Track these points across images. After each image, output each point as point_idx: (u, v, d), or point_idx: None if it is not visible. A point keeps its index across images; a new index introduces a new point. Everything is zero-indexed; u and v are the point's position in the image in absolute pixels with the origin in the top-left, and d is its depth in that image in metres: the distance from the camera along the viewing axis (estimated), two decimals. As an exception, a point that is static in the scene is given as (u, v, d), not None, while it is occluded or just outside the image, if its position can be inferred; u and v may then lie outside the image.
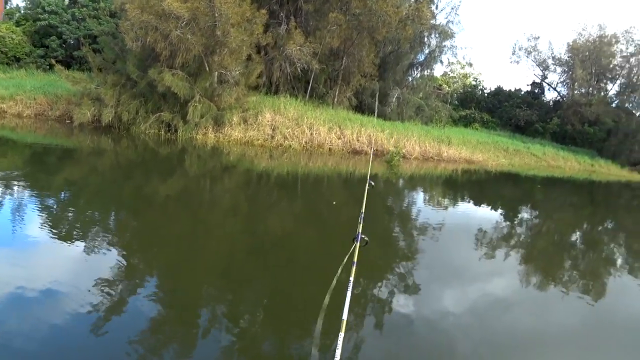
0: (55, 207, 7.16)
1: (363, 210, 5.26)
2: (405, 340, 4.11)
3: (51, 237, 5.56)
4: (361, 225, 4.70)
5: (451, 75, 48.25)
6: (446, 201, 12.77)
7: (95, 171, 10.86)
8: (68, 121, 17.27)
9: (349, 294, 3.04)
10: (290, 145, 17.58)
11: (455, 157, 21.86)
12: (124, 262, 5.05)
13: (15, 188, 8.01)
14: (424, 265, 6.38)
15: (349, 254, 3.83)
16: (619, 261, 8.62)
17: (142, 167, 12.13)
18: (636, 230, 13.21)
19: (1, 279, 4.28)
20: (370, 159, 12.94)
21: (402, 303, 4.86)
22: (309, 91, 23.25)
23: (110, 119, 16.46)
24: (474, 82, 46.78)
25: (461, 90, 45.86)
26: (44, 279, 4.34)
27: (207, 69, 16.49)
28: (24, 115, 17.90)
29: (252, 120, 17.74)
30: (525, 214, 12.90)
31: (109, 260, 5.04)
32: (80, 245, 5.46)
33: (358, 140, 18.93)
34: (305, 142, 17.96)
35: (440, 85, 45.05)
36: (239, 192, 10.49)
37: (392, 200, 12.19)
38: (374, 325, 4.32)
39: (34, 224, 5.92)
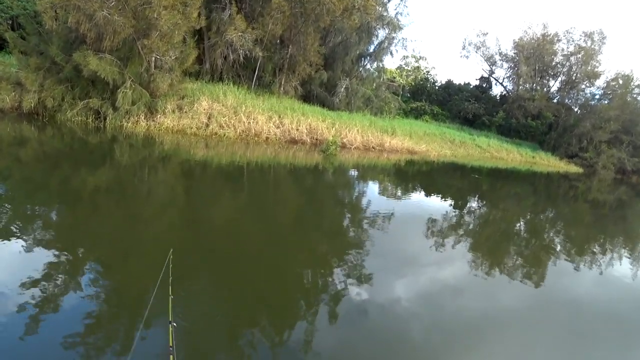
0: None
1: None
2: (358, 327, 4.17)
3: None
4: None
5: (406, 68, 48.94)
6: (388, 191, 12.82)
7: (18, 162, 9.85)
8: None
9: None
10: (225, 134, 17.08)
11: (398, 147, 22.08)
12: (54, 260, 4.68)
13: None
14: (373, 254, 6.41)
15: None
16: (558, 247, 9.08)
17: (70, 158, 11.23)
18: (573, 218, 13.92)
19: None
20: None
21: (354, 292, 4.90)
22: (255, 80, 22.72)
23: (32, 105, 15.28)
24: (426, 76, 47.58)
25: (413, 83, 46.58)
26: None
27: (139, 53, 15.60)
28: None
29: (188, 108, 17.03)
30: (472, 204, 13.19)
31: (37, 258, 4.68)
32: (4, 243, 4.96)
33: (297, 130, 18.67)
34: (242, 131, 17.50)
35: (394, 78, 45.59)
36: (176, 184, 9.98)
37: (331, 191, 12.10)
38: (328, 314, 4.35)
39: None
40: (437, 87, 45.66)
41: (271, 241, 6.58)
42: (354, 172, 15.77)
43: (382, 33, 28.33)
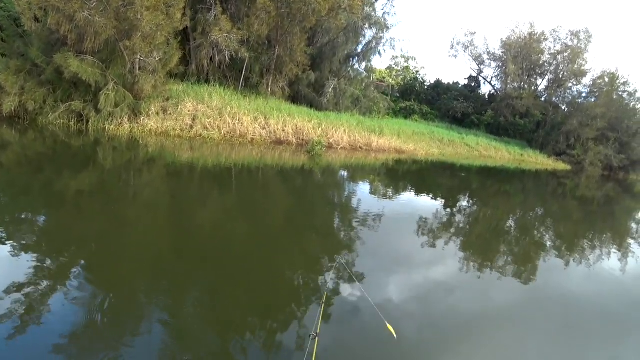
0: None
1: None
2: (350, 327, 4.16)
3: None
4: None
5: (395, 68, 49.05)
6: (377, 190, 12.78)
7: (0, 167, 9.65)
8: None
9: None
10: (210, 136, 16.90)
11: (385, 147, 22.03)
12: (38, 265, 4.60)
13: None
14: (364, 254, 6.40)
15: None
16: (548, 244, 9.15)
17: (53, 161, 11.04)
18: (562, 215, 13.99)
19: None
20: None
21: (346, 292, 4.87)
22: (242, 81, 22.53)
23: (12, 108, 15.00)
24: (415, 75, 47.70)
25: (402, 83, 46.65)
26: None
27: (122, 54, 15.37)
28: None
29: (172, 110, 16.85)
30: (462, 203, 13.22)
31: (21, 263, 4.59)
32: None
33: (283, 131, 18.57)
34: (226, 132, 17.34)
35: (383, 78, 45.63)
36: (162, 187, 9.87)
37: (320, 191, 12.03)
38: (319, 314, 4.17)
39: None
40: (426, 87, 45.76)
41: (260, 243, 6.51)
42: (341, 172, 15.69)
43: (369, 33, 28.32)
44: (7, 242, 5.12)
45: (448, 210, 11.31)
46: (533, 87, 43.93)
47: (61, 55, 14.45)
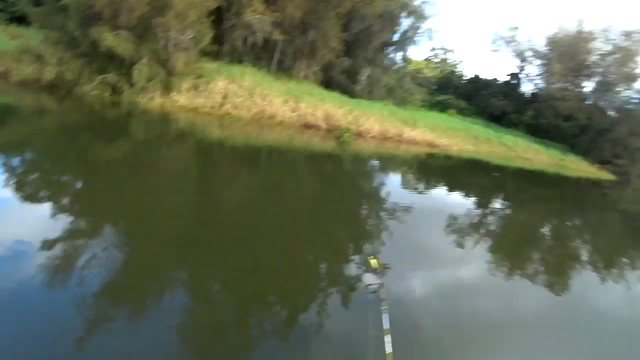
0: (3, 169, 6.69)
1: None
2: (369, 318, 4.00)
3: None
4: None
5: (434, 60, 47.76)
6: (408, 183, 12.49)
7: (38, 132, 10.20)
8: (12, 78, 16.10)
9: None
10: (239, 115, 16.96)
11: (417, 139, 21.36)
12: (69, 225, 4.88)
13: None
14: (390, 246, 6.32)
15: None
16: (583, 256, 8.78)
17: (88, 130, 11.54)
18: (601, 227, 13.23)
19: None
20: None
21: (366, 282, 4.78)
22: (274, 63, 22.34)
23: (51, 78, 15.39)
24: (453, 69, 46.30)
25: (440, 76, 45.36)
26: None
27: (154, 31, 15.53)
28: None
29: (204, 88, 16.99)
30: (496, 204, 12.84)
31: (54, 223, 4.87)
32: (22, 207, 5.25)
33: (313, 115, 18.37)
34: (256, 113, 17.35)
35: (421, 70, 44.51)
36: (191, 163, 10.18)
37: (348, 178, 11.94)
38: (339, 302, 4.35)
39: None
40: (464, 81, 44.32)
41: (283, 225, 6.55)
42: (371, 161, 15.44)
43: (406, 22, 27.51)
44: (42, 202, 5.50)
45: (480, 210, 10.90)
46: (578, 89, 41.69)
47: (97, 29, 14.73)
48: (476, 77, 44.59)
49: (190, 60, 16.42)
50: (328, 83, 24.68)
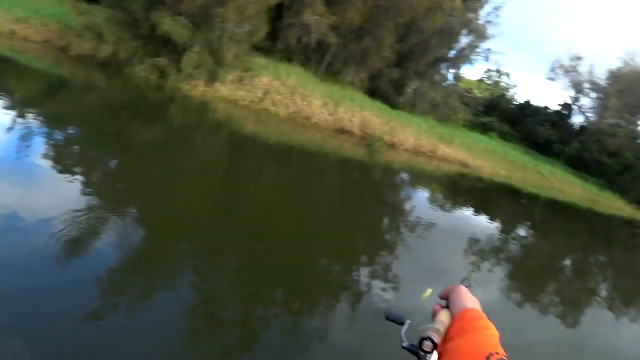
0: (45, 138, 7.17)
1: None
2: (375, 329, 4.02)
3: (28, 167, 5.58)
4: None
5: (487, 82, 46.78)
6: (433, 199, 12.46)
7: (84, 106, 10.82)
8: (70, 52, 17.04)
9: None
10: (276, 112, 17.20)
11: (450, 157, 21.07)
12: (99, 199, 5.16)
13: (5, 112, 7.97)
14: (405, 259, 6.38)
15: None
16: (602, 294, 8.70)
17: (130, 109, 12.17)
18: (626, 268, 12.87)
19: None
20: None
21: (378, 292, 4.85)
22: (323, 65, 22.54)
23: (106, 55, 16.04)
24: (504, 92, 45.21)
25: (488, 98, 44.36)
26: (13, 208, 4.31)
27: (212, 20, 16.00)
28: (32, 39, 17.48)
29: (248, 81, 17.31)
30: (520, 231, 12.73)
31: (85, 195, 5.15)
32: (55, 177, 5.50)
33: (349, 120, 18.42)
34: (292, 112, 17.55)
35: (470, 89, 43.70)
36: (223, 153, 10.50)
37: (375, 188, 12.03)
38: (348, 309, 4.38)
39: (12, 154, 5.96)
40: (512, 106, 43.17)
41: (304, 226, 6.71)
42: (400, 173, 15.39)
43: (465, 40, 27.01)
44: (74, 175, 5.71)
45: (503, 235, 10.71)
46: (632, 126, 39.80)
47: (157, 13, 15.35)
48: (526, 102, 43.35)
49: (240, 53, 16.77)
50: (373, 91, 24.55)
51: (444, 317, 0.83)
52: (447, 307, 0.88)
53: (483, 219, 12.18)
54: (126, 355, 2.99)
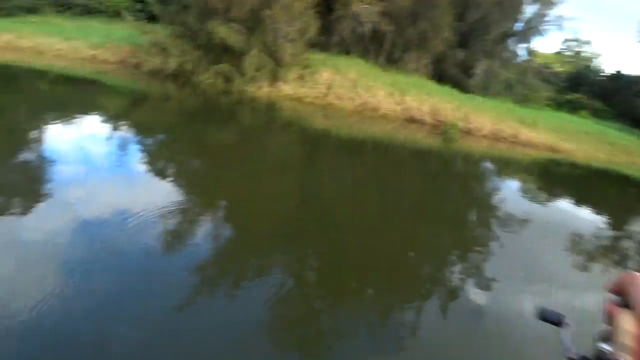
0: (138, 144, 8.28)
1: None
2: (468, 332, 3.93)
3: (127, 170, 6.31)
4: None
5: (566, 54, 42.46)
6: (525, 191, 11.24)
7: (164, 115, 12.21)
8: (143, 68, 18.17)
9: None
10: (342, 106, 17.10)
11: (535, 142, 18.86)
12: (184, 199, 5.68)
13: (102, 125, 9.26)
14: (498, 258, 5.91)
15: None
16: None
17: (204, 114, 13.28)
18: None
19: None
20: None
21: (469, 294, 4.60)
22: (383, 54, 21.63)
23: (174, 68, 16.96)
24: (588, 63, 40.56)
25: (572, 72, 40.05)
26: (105, 203, 5.02)
27: (263, 23, 16.28)
28: (110, 61, 19.19)
29: (309, 78, 17.45)
30: (633, 227, 10.97)
31: (173, 196, 5.65)
32: (147, 179, 6.12)
33: (418, 109, 17.48)
34: (358, 104, 17.26)
35: (550, 64, 39.87)
36: (296, 150, 10.85)
37: (455, 179, 11.39)
38: (437, 309, 4.27)
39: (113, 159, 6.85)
40: (601, 78, 38.59)
41: (383, 222, 6.49)
42: (481, 163, 14.17)
43: (531, 9, 24.52)
44: (163, 177, 6.33)
45: (613, 231, 9.11)
46: None
47: (212, 23, 15.93)
48: (618, 73, 38.54)
49: (297, 51, 16.88)
50: (440, 76, 23.14)
51: (627, 322, 0.54)
52: (627, 305, 0.57)
53: (585, 211, 10.54)
54: (219, 341, 3.24)
